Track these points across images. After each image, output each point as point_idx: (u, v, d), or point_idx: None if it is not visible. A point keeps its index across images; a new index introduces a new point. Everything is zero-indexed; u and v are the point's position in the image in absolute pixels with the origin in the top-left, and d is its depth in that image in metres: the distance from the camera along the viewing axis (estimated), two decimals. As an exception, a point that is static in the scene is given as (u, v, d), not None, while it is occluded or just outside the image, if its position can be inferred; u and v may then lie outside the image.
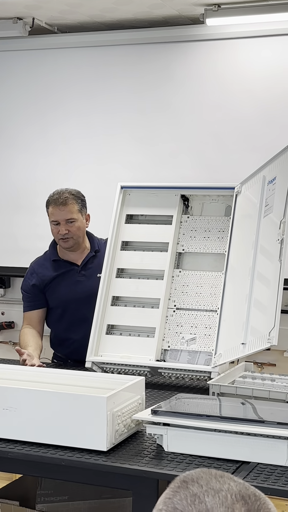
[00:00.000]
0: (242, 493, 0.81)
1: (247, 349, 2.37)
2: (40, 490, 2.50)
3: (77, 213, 3.02)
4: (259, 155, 3.43)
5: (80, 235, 3.06)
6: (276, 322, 2.20)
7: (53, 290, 3.09)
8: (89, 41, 4.31)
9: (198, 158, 4.10)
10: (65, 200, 2.99)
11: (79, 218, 3.03)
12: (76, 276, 3.08)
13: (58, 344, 3.16)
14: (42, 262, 3.15)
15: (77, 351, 2.91)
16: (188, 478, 0.84)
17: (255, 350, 2.33)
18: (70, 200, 3.00)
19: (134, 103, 4.23)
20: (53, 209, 3.01)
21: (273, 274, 2.36)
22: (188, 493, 0.81)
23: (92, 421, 1.93)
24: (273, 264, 2.39)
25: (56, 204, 3.00)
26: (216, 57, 4.08)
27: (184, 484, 0.83)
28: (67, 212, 3.00)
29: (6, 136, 4.54)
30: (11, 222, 4.52)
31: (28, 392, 2.04)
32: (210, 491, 0.81)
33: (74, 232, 3.02)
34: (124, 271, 3.02)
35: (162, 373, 2.77)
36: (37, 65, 4.44)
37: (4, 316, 4.69)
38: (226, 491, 0.81)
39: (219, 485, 0.82)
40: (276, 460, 1.84)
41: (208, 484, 0.82)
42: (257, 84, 4.00)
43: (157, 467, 1.85)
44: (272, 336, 2.19)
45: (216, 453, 1.89)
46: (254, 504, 0.80)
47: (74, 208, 3.01)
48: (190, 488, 0.82)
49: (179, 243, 2.97)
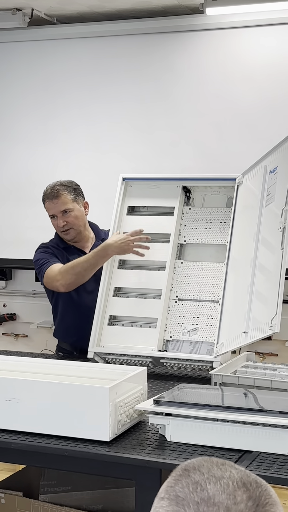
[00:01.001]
0: (244, 480, 0.81)
1: (249, 337, 2.37)
2: (43, 481, 2.51)
3: (71, 202, 3.03)
4: (261, 145, 3.42)
5: (80, 224, 3.07)
6: (278, 309, 2.20)
7: None
8: (89, 31, 4.29)
9: (199, 149, 4.09)
10: (57, 192, 3.02)
11: (75, 208, 3.04)
12: None
13: (64, 333, 3.16)
14: (53, 245, 3.15)
15: (84, 339, 2.91)
16: (189, 466, 0.85)
17: (258, 338, 2.33)
18: (62, 192, 3.02)
19: (134, 93, 4.22)
20: (48, 203, 3.05)
21: (275, 263, 2.36)
22: (190, 481, 0.82)
23: (95, 412, 1.94)
24: (274, 254, 2.39)
25: (49, 198, 3.03)
26: (216, 46, 4.06)
27: (186, 472, 0.83)
28: (60, 204, 3.02)
29: (5, 127, 4.52)
30: (12, 213, 4.51)
31: (30, 383, 2.04)
32: (212, 478, 0.81)
33: (72, 222, 3.04)
34: (126, 262, 3.02)
35: (164, 363, 2.78)
36: (37, 56, 4.43)
37: (6, 308, 4.69)
38: (228, 479, 0.81)
39: (221, 472, 0.82)
40: (279, 449, 1.85)
41: (210, 472, 0.82)
42: (258, 74, 3.98)
43: (159, 457, 1.85)
44: (274, 324, 2.19)
45: (218, 442, 1.90)
46: (256, 491, 0.80)
47: (67, 199, 3.03)
48: (192, 476, 0.82)
49: (180, 234, 2.97)
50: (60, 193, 3.02)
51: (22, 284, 4.62)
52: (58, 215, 3.02)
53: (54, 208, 3.02)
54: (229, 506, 0.78)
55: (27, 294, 4.59)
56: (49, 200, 3.03)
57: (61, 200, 3.02)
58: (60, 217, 3.02)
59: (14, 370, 2.34)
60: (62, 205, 3.02)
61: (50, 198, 3.03)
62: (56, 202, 3.02)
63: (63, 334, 3.18)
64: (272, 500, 0.81)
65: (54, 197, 3.02)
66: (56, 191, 3.02)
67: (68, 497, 2.47)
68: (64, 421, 1.97)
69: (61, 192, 3.02)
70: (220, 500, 0.78)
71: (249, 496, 0.79)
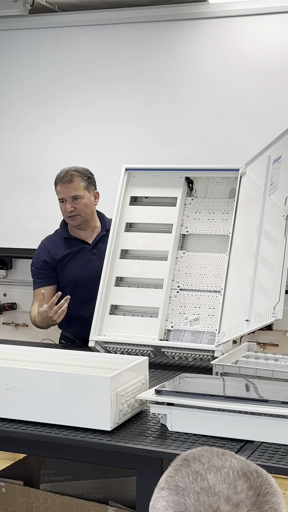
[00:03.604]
0: (244, 469, 0.81)
1: (251, 325, 2.37)
2: (44, 470, 2.51)
3: (83, 190, 3.04)
4: (263, 134, 3.41)
5: (88, 212, 3.07)
6: (281, 297, 2.19)
7: (64, 268, 3.10)
8: (90, 19, 4.27)
9: (202, 139, 4.08)
10: (71, 177, 3.03)
11: (86, 195, 3.05)
12: (87, 254, 3.10)
13: (67, 323, 3.16)
14: (53, 239, 3.17)
15: (86, 329, 2.91)
16: (189, 456, 0.85)
17: (260, 325, 2.32)
18: (75, 178, 3.03)
19: (137, 82, 4.20)
20: (59, 187, 3.06)
21: (277, 253, 2.35)
22: (190, 471, 0.82)
23: (96, 401, 1.94)
24: (277, 244, 2.38)
25: (62, 181, 3.04)
26: (219, 35, 4.04)
27: (186, 462, 0.84)
28: (72, 189, 3.02)
29: (6, 116, 4.51)
30: (14, 203, 4.51)
31: (32, 373, 2.04)
32: (212, 468, 0.81)
33: (81, 209, 3.04)
34: (128, 252, 3.02)
35: (166, 352, 2.78)
36: (38, 44, 4.40)
37: (6, 298, 4.69)
38: (228, 468, 0.81)
39: (221, 462, 0.82)
40: (280, 439, 1.84)
41: (210, 461, 0.82)
42: (261, 63, 3.96)
43: (161, 446, 1.85)
44: (277, 311, 2.19)
45: (220, 432, 1.90)
46: (256, 480, 0.81)
47: (79, 185, 3.03)
48: (192, 465, 0.82)
49: (183, 224, 2.96)
50: (73, 179, 3.03)
51: (23, 273, 4.61)
52: (67, 199, 3.03)
53: (65, 192, 3.03)
54: (229, 495, 0.78)
55: (27, 283, 4.56)
56: (61, 183, 3.04)
57: (73, 186, 3.03)
58: (70, 202, 3.03)
59: (15, 359, 2.34)
60: (73, 190, 3.03)
61: (62, 182, 3.04)
62: (68, 186, 3.03)
63: (65, 325, 3.18)
64: (273, 490, 0.81)
65: (67, 182, 3.03)
66: (70, 176, 3.03)
67: (69, 486, 2.47)
68: (66, 411, 1.97)
69: (74, 178, 3.03)
70: (220, 489, 0.78)
71: (249, 486, 0.79)
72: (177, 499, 0.79)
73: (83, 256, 3.10)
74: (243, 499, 0.78)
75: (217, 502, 0.77)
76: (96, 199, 3.12)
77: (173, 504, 0.79)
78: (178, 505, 0.79)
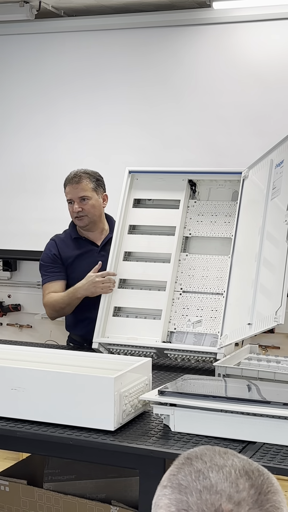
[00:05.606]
0: (246, 468, 0.82)
1: (253, 329, 2.39)
2: (47, 469, 2.53)
3: (91, 191, 3.06)
4: (266, 139, 3.43)
5: (96, 214, 3.09)
6: (283, 301, 2.21)
7: (73, 269, 3.11)
8: (96, 24, 4.29)
9: (205, 142, 4.10)
10: (79, 178, 3.06)
11: (94, 197, 3.07)
12: (95, 256, 3.11)
13: (75, 325, 3.17)
14: (63, 238, 3.18)
15: (93, 331, 2.93)
16: (192, 455, 0.86)
17: (262, 329, 2.34)
18: (84, 179, 3.06)
19: (141, 86, 4.22)
20: (68, 187, 3.09)
21: (279, 257, 2.37)
22: (193, 469, 0.83)
23: (100, 401, 1.95)
24: (279, 247, 2.40)
25: (71, 182, 3.07)
26: (223, 41, 4.06)
27: (188, 461, 0.85)
28: (80, 190, 3.05)
29: (12, 120, 4.53)
30: (19, 206, 4.53)
31: (36, 373, 2.06)
32: (214, 467, 0.82)
33: (88, 210, 3.06)
34: (131, 254, 3.03)
35: (168, 354, 2.80)
36: (43, 49, 4.43)
37: (10, 299, 4.72)
38: (230, 467, 0.82)
39: (223, 461, 0.83)
40: (282, 440, 1.86)
41: (212, 460, 0.83)
42: (264, 68, 3.98)
43: (163, 446, 1.87)
44: (279, 315, 2.20)
45: (222, 433, 1.92)
46: (258, 479, 0.81)
47: (87, 186, 3.06)
48: (194, 464, 0.83)
49: (186, 227, 2.98)
50: (82, 180, 3.06)
51: (27, 275, 4.65)
52: (75, 200, 3.06)
53: (73, 193, 3.06)
54: (231, 494, 0.79)
55: (31, 285, 4.61)
56: (70, 184, 3.07)
57: (81, 187, 3.06)
58: (77, 203, 3.05)
59: (20, 359, 2.36)
60: (81, 191, 3.05)
61: (71, 182, 3.07)
62: (76, 187, 3.05)
63: (73, 327, 3.19)
64: (274, 488, 0.82)
65: (75, 182, 3.06)
66: (78, 177, 3.06)
67: (72, 486, 2.49)
68: (69, 411, 1.99)
69: (83, 179, 3.06)
70: (222, 488, 0.79)
71: (251, 484, 0.80)
72: (180, 497, 0.80)
73: (92, 257, 3.11)
74: (245, 498, 0.79)
75: (219, 500, 0.78)
76: (104, 202, 3.14)
77: (176, 502, 0.80)
78: (181, 503, 0.80)
